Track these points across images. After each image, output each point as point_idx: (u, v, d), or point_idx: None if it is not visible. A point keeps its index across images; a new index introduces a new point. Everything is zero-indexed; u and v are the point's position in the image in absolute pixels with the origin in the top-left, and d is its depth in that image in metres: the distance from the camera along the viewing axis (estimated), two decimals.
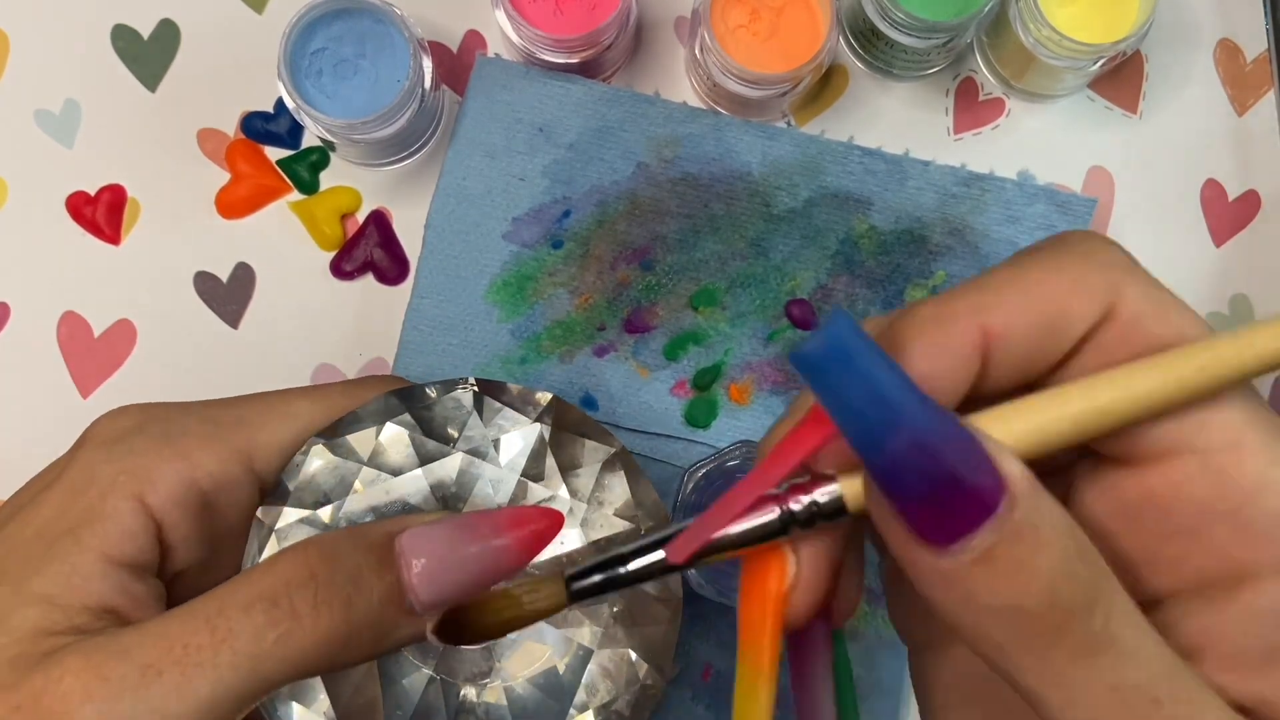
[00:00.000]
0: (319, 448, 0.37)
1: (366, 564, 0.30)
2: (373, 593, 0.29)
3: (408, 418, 0.38)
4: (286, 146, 0.52)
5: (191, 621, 0.28)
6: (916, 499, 0.22)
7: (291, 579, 0.29)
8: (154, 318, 0.52)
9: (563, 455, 0.39)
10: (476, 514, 0.31)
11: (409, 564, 0.30)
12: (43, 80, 0.52)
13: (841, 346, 0.21)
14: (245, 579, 0.29)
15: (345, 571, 0.29)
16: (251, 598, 0.29)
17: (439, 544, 0.30)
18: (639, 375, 0.50)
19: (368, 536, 0.30)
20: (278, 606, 0.28)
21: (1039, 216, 0.50)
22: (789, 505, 0.25)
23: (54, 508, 0.32)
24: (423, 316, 0.51)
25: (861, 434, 0.22)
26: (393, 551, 0.30)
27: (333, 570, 0.29)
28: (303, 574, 0.29)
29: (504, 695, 0.39)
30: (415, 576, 0.29)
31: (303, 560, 0.29)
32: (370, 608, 0.29)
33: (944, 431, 0.22)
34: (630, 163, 0.51)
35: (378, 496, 0.38)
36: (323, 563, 0.29)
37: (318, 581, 0.29)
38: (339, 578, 0.29)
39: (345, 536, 0.30)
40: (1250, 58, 0.53)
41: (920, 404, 0.22)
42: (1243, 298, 0.52)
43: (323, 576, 0.29)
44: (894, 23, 0.48)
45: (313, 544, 0.30)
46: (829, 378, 0.22)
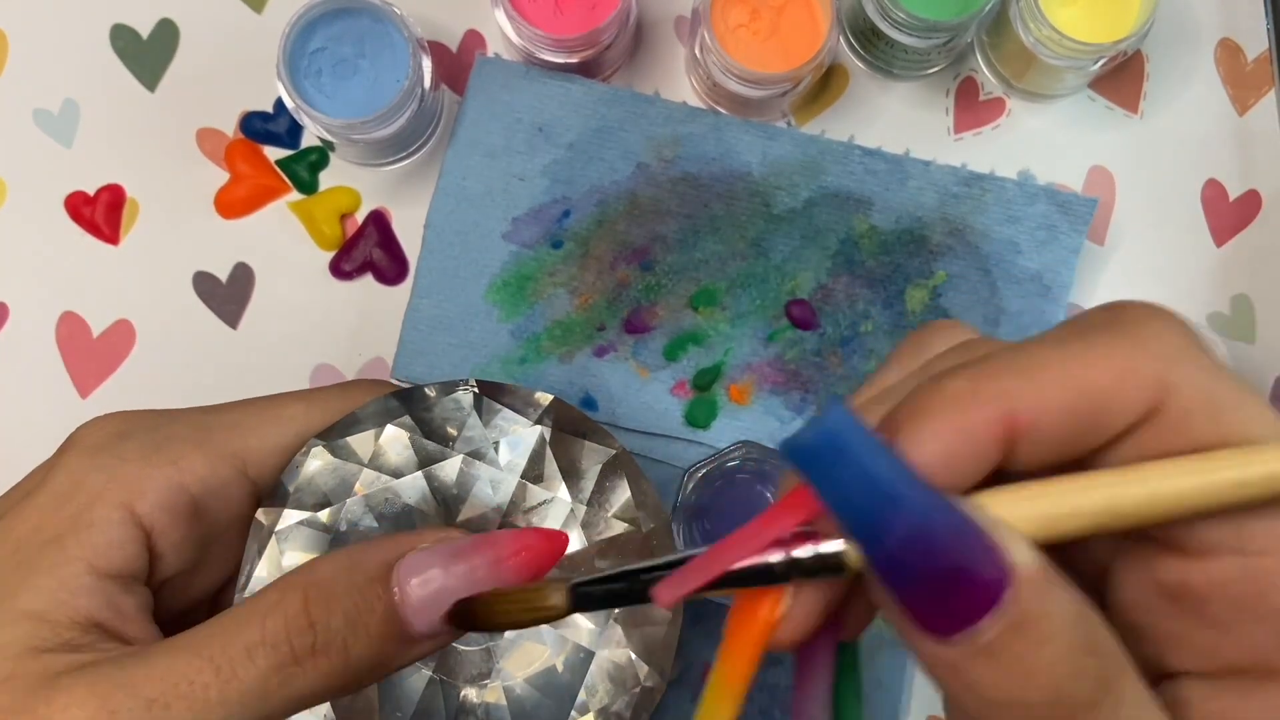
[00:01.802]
0: (319, 449, 0.37)
1: (363, 603, 0.29)
2: (371, 631, 0.29)
3: (407, 419, 0.38)
4: (286, 146, 0.52)
5: (196, 660, 0.29)
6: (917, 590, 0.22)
7: (291, 624, 0.29)
8: (153, 318, 0.52)
9: (563, 457, 0.39)
10: (476, 540, 0.30)
11: (407, 596, 0.29)
12: (41, 80, 0.52)
13: (835, 437, 0.21)
14: (246, 618, 0.29)
15: (343, 614, 0.29)
16: (253, 642, 0.29)
17: (437, 575, 0.29)
18: (639, 375, 0.50)
19: (365, 569, 0.30)
20: (278, 652, 0.29)
21: (1040, 216, 0.50)
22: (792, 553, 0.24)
23: (37, 517, 0.32)
24: (422, 316, 0.50)
25: (858, 527, 0.21)
26: (390, 585, 0.29)
27: (330, 615, 0.29)
28: (301, 621, 0.29)
29: (504, 696, 0.38)
30: (413, 610, 0.29)
31: (301, 604, 0.29)
32: (369, 646, 0.30)
33: (944, 522, 0.21)
34: (630, 163, 0.51)
35: (377, 498, 0.38)
36: (320, 607, 0.29)
37: (316, 629, 0.29)
38: (336, 622, 0.29)
39: (343, 571, 0.30)
40: (1251, 57, 0.53)
41: (919, 494, 0.21)
42: (1243, 298, 0.52)
43: (320, 623, 0.29)
44: (894, 22, 0.48)
45: (311, 584, 0.30)
46: (821, 468, 0.21)
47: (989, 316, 0.50)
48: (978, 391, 0.23)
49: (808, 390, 0.50)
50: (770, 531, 0.23)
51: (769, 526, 0.23)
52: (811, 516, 0.23)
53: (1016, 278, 0.50)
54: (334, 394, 0.38)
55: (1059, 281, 0.50)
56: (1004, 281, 0.50)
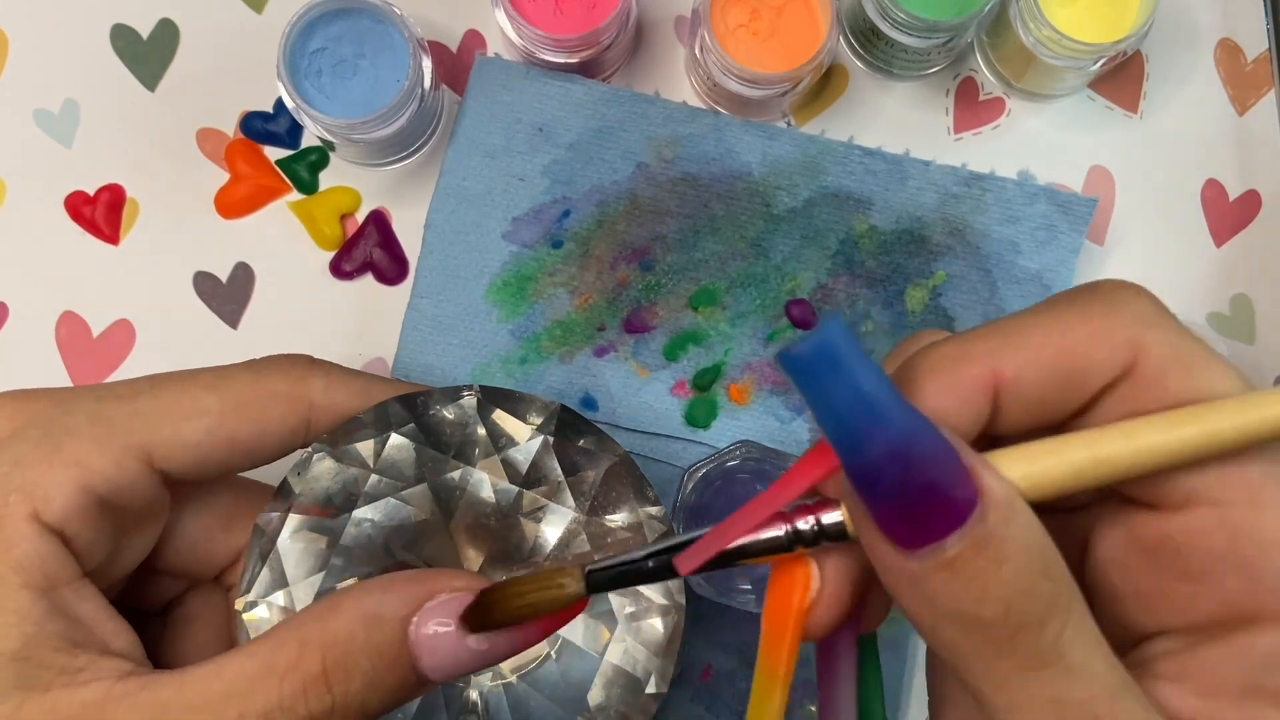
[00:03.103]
0: (323, 453, 0.37)
1: (381, 664, 0.29)
2: (388, 689, 0.30)
3: (411, 425, 0.38)
4: (286, 146, 0.52)
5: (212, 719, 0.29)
6: (890, 503, 0.23)
7: (309, 688, 0.29)
8: (153, 318, 0.52)
9: (566, 462, 0.39)
10: None
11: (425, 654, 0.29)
12: (42, 80, 0.52)
13: (830, 349, 0.22)
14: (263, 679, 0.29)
15: (361, 678, 0.29)
16: (270, 706, 0.29)
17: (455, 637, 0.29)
18: (639, 375, 0.50)
19: (383, 627, 0.29)
20: (296, 715, 0.29)
21: (1039, 216, 0.50)
22: (795, 524, 0.25)
23: None
24: (422, 316, 0.50)
25: (841, 436, 0.23)
26: (408, 642, 0.29)
27: (348, 679, 0.29)
28: (319, 686, 0.29)
29: (506, 695, 0.38)
30: (431, 665, 0.29)
31: (318, 667, 0.29)
32: (385, 702, 0.30)
33: (924, 440, 0.23)
34: (630, 163, 0.51)
35: (380, 503, 0.38)
36: (338, 671, 0.29)
37: (334, 694, 0.29)
38: (355, 686, 0.29)
39: (361, 629, 0.29)
40: (1251, 57, 0.53)
41: (903, 411, 0.23)
42: (1243, 298, 0.52)
43: (339, 688, 0.29)
44: (894, 22, 0.48)
45: (328, 645, 0.29)
46: (814, 378, 0.22)
47: (989, 316, 0.50)
48: (966, 352, 0.25)
49: None
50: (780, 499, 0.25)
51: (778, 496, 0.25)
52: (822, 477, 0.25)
53: (1016, 278, 0.50)
54: (248, 381, 0.36)
55: (1059, 281, 0.50)
56: (1004, 281, 0.50)
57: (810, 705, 0.49)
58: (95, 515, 0.32)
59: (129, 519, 0.34)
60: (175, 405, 0.34)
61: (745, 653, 0.49)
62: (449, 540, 0.39)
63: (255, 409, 0.35)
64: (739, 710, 0.49)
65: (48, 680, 0.29)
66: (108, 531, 0.33)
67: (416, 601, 0.30)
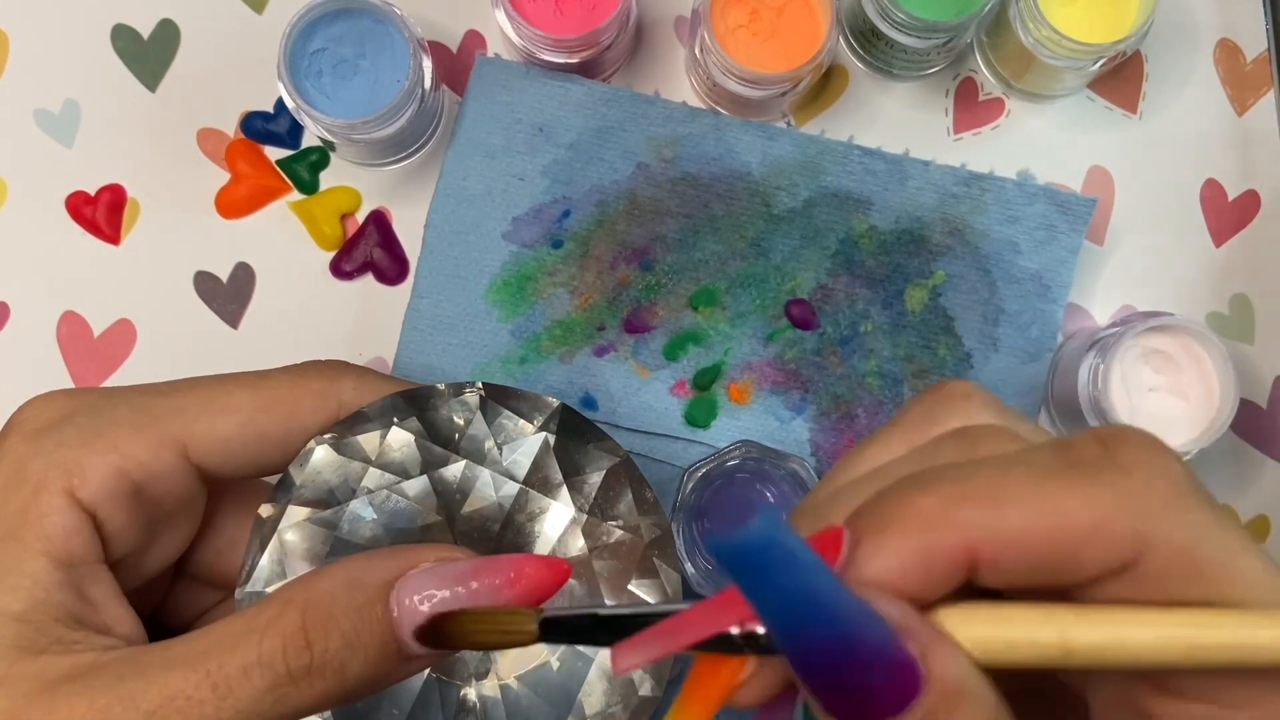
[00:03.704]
0: (324, 446, 0.37)
1: (361, 624, 0.29)
2: (368, 652, 0.30)
3: (414, 420, 0.38)
4: (286, 146, 0.52)
5: (193, 675, 0.29)
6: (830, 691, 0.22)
7: (288, 644, 0.29)
8: (154, 318, 0.52)
9: (567, 462, 0.39)
10: (477, 564, 0.30)
11: (405, 616, 0.29)
12: (42, 80, 0.52)
13: (764, 544, 0.21)
14: (243, 635, 0.29)
15: (340, 635, 0.29)
16: (249, 661, 0.29)
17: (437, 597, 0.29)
18: (639, 375, 0.50)
19: (364, 588, 0.30)
20: (274, 672, 0.29)
21: (1039, 216, 0.50)
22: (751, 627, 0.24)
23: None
24: (422, 316, 0.51)
25: (778, 630, 0.22)
26: (389, 605, 0.30)
27: (327, 636, 0.29)
28: (298, 641, 0.29)
29: (501, 695, 0.39)
30: (410, 632, 0.29)
31: (298, 623, 0.29)
32: (365, 666, 0.30)
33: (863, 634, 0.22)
34: (630, 163, 0.51)
35: (381, 497, 0.38)
36: (317, 627, 0.29)
37: (313, 650, 0.29)
38: (333, 644, 0.29)
39: (342, 589, 0.30)
40: (1250, 57, 0.53)
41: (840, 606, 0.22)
42: (1242, 298, 0.52)
43: (318, 645, 0.29)
44: (894, 23, 0.48)
45: (309, 602, 0.30)
46: (748, 572, 0.22)
47: (988, 316, 0.50)
48: (944, 516, 0.23)
49: (807, 390, 0.50)
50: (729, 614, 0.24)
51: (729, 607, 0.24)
52: None
53: (1016, 277, 0.50)
54: (283, 381, 0.37)
55: (1058, 281, 0.50)
56: (1003, 281, 0.50)
57: None
58: (129, 501, 0.33)
59: (162, 511, 0.35)
60: (212, 401, 0.35)
61: None
62: (448, 536, 0.39)
63: (287, 406, 0.36)
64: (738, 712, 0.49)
65: (42, 645, 0.30)
66: (140, 521, 0.34)
67: (399, 569, 0.30)
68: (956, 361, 0.50)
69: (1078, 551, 0.23)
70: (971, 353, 0.50)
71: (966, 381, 0.27)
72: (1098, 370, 0.46)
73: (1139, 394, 0.47)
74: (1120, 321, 0.48)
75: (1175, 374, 0.47)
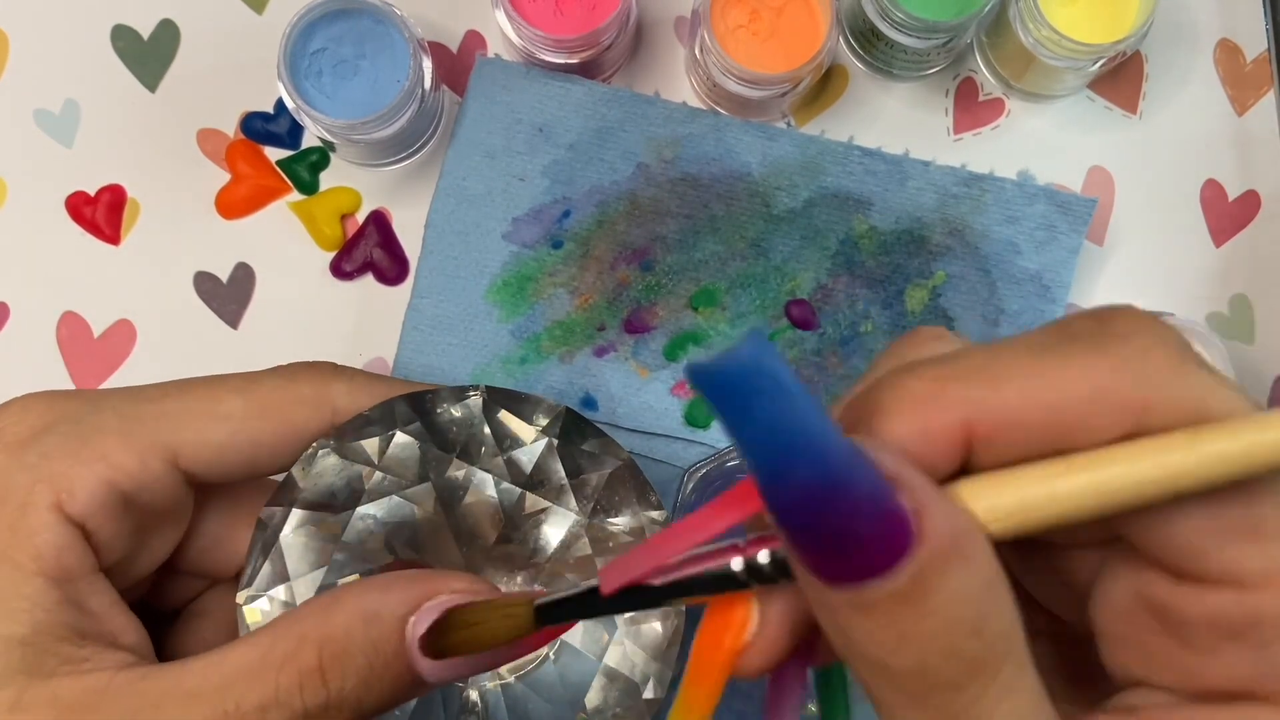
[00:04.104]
0: (328, 450, 0.37)
1: (377, 660, 0.29)
2: (384, 686, 0.29)
3: (417, 424, 0.38)
4: (286, 147, 0.52)
5: (209, 712, 0.29)
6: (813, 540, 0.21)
7: (305, 682, 0.29)
8: (154, 318, 0.52)
9: (570, 464, 0.39)
10: None
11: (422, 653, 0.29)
12: (43, 80, 0.52)
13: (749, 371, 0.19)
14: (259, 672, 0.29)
15: (356, 674, 0.29)
16: (266, 700, 0.29)
17: None
18: (639, 375, 0.50)
19: (381, 624, 0.29)
20: (291, 710, 0.29)
21: (1039, 216, 0.50)
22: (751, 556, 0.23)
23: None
24: (423, 316, 0.51)
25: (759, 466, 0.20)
26: (405, 640, 0.29)
27: (344, 675, 0.29)
28: (315, 680, 0.29)
29: (503, 695, 0.39)
30: (428, 668, 0.29)
31: (315, 662, 0.29)
32: (380, 700, 0.30)
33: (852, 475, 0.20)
34: (630, 163, 0.51)
35: (383, 501, 0.38)
36: (334, 665, 0.29)
37: (329, 689, 0.29)
38: (350, 682, 0.29)
39: (359, 625, 0.29)
40: (1250, 58, 0.53)
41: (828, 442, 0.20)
42: (1242, 298, 0.52)
43: (334, 683, 0.29)
44: (894, 23, 0.48)
45: (326, 640, 0.29)
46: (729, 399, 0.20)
47: (988, 316, 0.50)
48: (939, 394, 0.22)
49: None
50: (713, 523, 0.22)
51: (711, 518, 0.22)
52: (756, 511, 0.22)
53: (1016, 278, 0.50)
54: (274, 386, 0.36)
55: (1058, 282, 0.50)
56: (1003, 282, 0.50)
57: (811, 705, 0.50)
58: (118, 511, 0.33)
59: (151, 517, 0.34)
60: (201, 407, 0.35)
61: None
62: (451, 540, 0.39)
63: (279, 412, 0.36)
64: (738, 709, 0.49)
65: (51, 667, 0.30)
66: (129, 528, 0.33)
67: (415, 601, 0.30)
68: None
69: (1080, 422, 0.22)
70: None
71: (938, 326, 0.26)
72: None
73: None
74: None
75: None
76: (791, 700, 0.25)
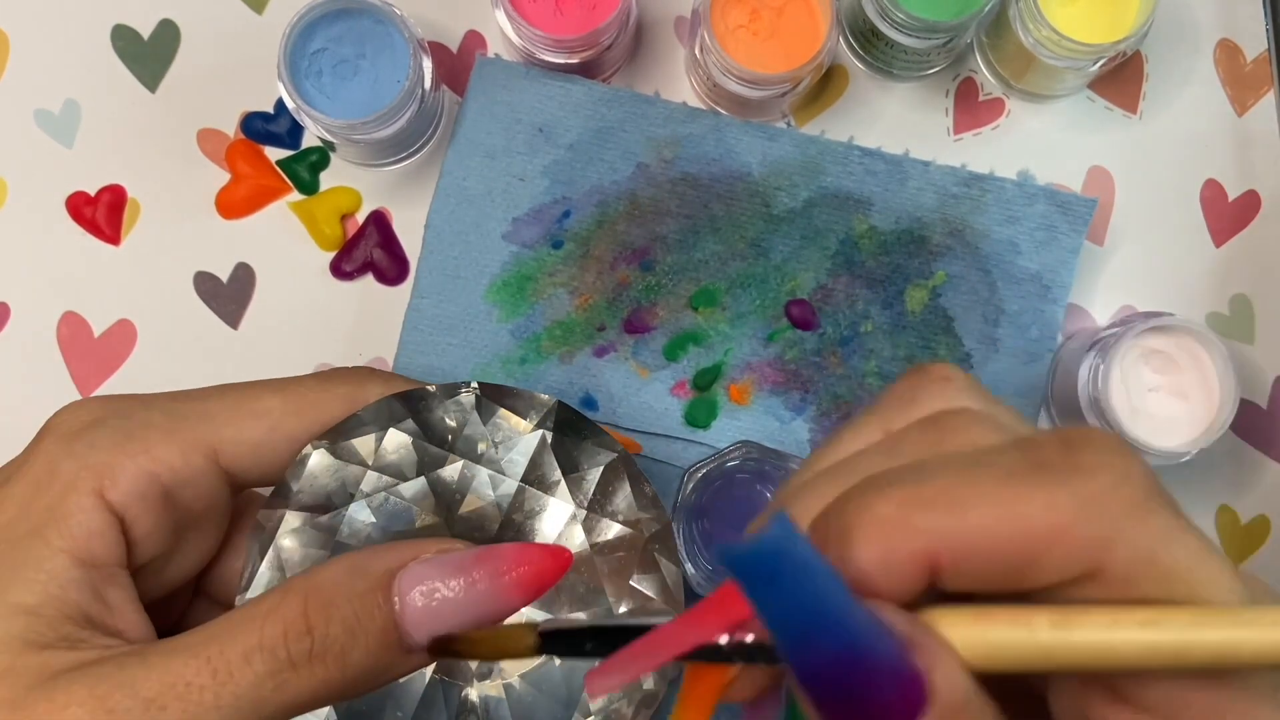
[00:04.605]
0: (321, 451, 0.37)
1: (363, 611, 0.29)
2: (369, 640, 0.30)
3: (410, 422, 0.38)
4: (286, 147, 0.52)
5: (193, 661, 0.29)
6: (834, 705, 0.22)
7: (289, 629, 0.29)
8: (154, 318, 0.52)
9: (564, 459, 0.39)
10: (478, 554, 0.30)
11: (407, 607, 0.29)
12: (43, 80, 0.52)
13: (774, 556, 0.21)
14: (244, 622, 0.29)
15: (341, 622, 0.29)
16: (250, 646, 0.29)
17: (438, 587, 0.30)
18: (639, 375, 0.50)
19: (366, 576, 0.30)
20: (275, 657, 0.29)
21: (1039, 216, 0.50)
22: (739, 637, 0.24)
23: (16, 506, 0.32)
24: (423, 316, 0.51)
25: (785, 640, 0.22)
26: (390, 593, 0.30)
27: (328, 621, 0.29)
28: (299, 626, 0.29)
29: (505, 695, 0.39)
30: (412, 621, 0.29)
31: (300, 609, 0.29)
32: (366, 655, 0.30)
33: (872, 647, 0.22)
34: (630, 163, 0.51)
35: (379, 500, 0.38)
36: (319, 613, 0.29)
37: (314, 635, 0.29)
38: (334, 629, 0.29)
39: (344, 577, 0.30)
40: (1250, 58, 0.53)
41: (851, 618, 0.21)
42: (1242, 298, 0.52)
43: (319, 630, 0.29)
44: (894, 23, 0.48)
45: (311, 589, 0.30)
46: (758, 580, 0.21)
47: (988, 316, 0.50)
48: (904, 522, 0.23)
49: (807, 390, 0.50)
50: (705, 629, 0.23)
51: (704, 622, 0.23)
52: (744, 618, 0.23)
53: (1016, 278, 0.50)
54: (311, 386, 0.37)
55: (1058, 282, 0.50)
56: (1003, 282, 0.50)
57: None
58: (157, 505, 0.33)
59: (190, 516, 0.35)
60: (241, 405, 0.36)
61: None
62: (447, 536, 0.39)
63: (315, 411, 0.37)
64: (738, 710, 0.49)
65: (48, 640, 0.30)
66: (167, 525, 0.34)
67: (401, 559, 0.30)
68: (956, 362, 0.50)
69: (1039, 557, 0.22)
70: (971, 353, 0.50)
71: (947, 365, 0.27)
72: (1098, 371, 0.46)
73: (1139, 394, 0.47)
74: (1120, 322, 0.48)
75: (1175, 374, 0.47)
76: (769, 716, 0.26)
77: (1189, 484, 0.51)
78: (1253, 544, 0.51)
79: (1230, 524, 0.51)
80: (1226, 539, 0.51)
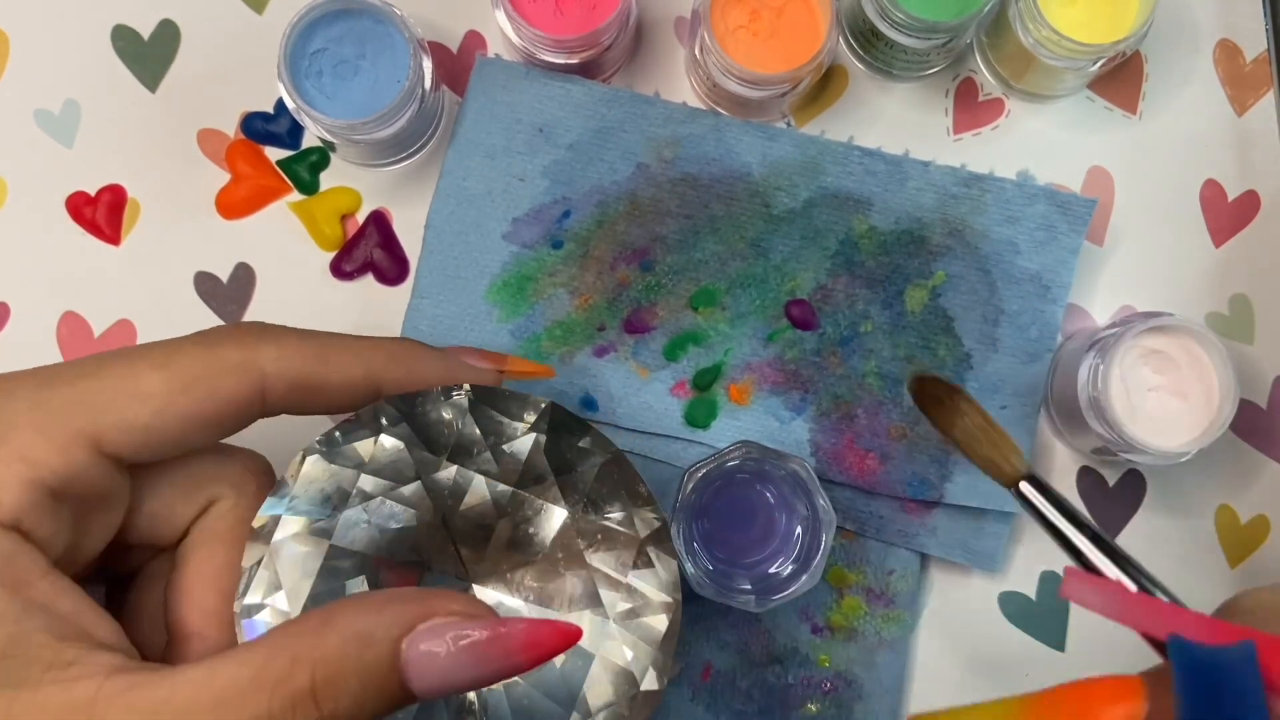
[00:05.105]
0: (317, 455, 0.37)
1: (370, 683, 0.29)
2: (378, 706, 0.30)
3: (404, 425, 0.38)
4: (286, 147, 0.52)
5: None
6: None
7: (298, 704, 0.29)
8: (154, 318, 0.52)
9: (559, 459, 0.39)
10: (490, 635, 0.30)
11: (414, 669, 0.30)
12: (43, 80, 0.52)
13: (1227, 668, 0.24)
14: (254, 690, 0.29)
15: (350, 695, 0.29)
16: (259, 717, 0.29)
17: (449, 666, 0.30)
18: (639, 375, 0.50)
19: (375, 648, 0.30)
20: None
21: (1039, 217, 0.50)
22: None
23: None
24: (423, 316, 0.51)
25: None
26: (399, 663, 0.30)
27: (337, 697, 0.29)
28: (308, 704, 0.29)
29: (505, 695, 0.39)
30: (420, 683, 0.30)
31: (307, 684, 0.29)
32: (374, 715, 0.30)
33: None
34: (630, 163, 0.51)
35: (374, 504, 0.38)
36: (327, 689, 0.29)
37: (321, 711, 0.29)
38: (343, 704, 0.29)
39: (353, 648, 0.30)
40: (1250, 58, 0.53)
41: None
42: (1242, 298, 0.52)
43: (326, 705, 0.29)
44: (894, 23, 0.48)
45: (320, 663, 0.29)
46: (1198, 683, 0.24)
47: (988, 316, 0.50)
48: None
49: (807, 390, 0.50)
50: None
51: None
52: None
53: (1016, 278, 0.50)
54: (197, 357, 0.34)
55: (1058, 282, 0.50)
56: (1003, 282, 0.50)
57: (810, 705, 0.50)
58: (50, 507, 0.32)
59: (86, 505, 0.33)
60: (121, 387, 0.33)
61: (745, 652, 0.49)
62: (444, 539, 0.39)
63: (204, 385, 0.34)
64: (738, 709, 0.49)
65: (37, 676, 0.29)
66: (66, 520, 0.33)
67: (409, 623, 0.30)
68: (956, 362, 0.50)
69: None
70: (971, 353, 0.50)
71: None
72: (1097, 370, 0.46)
73: (1138, 394, 0.47)
74: (1120, 322, 0.48)
75: (1175, 374, 0.47)
76: None
77: (1188, 484, 0.51)
78: (1253, 544, 0.51)
79: (1230, 524, 0.51)
80: (1226, 539, 0.51)
